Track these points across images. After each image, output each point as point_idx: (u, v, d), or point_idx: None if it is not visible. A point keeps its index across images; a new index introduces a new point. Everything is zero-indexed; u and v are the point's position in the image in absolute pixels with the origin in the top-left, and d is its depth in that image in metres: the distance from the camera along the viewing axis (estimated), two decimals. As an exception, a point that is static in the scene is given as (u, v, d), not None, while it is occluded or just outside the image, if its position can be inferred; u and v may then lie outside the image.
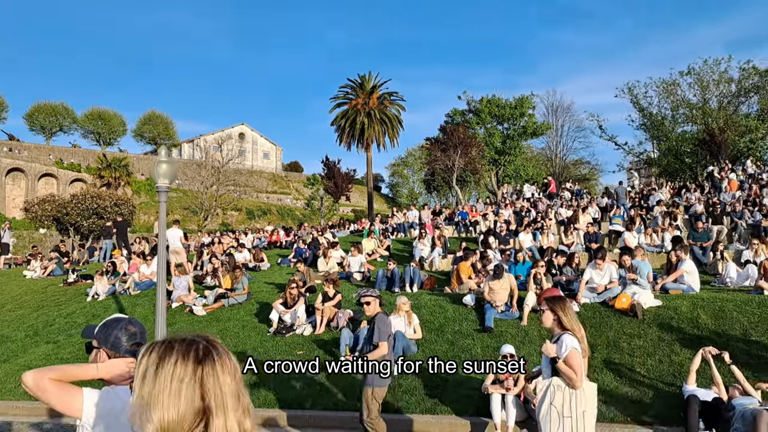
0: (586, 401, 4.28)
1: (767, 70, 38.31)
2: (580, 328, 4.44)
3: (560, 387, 4.33)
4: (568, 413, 4.24)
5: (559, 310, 4.43)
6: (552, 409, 4.31)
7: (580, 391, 4.27)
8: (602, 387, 8.03)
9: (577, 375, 4.22)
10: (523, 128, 47.68)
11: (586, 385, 4.33)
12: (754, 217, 17.42)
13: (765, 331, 8.75)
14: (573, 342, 4.30)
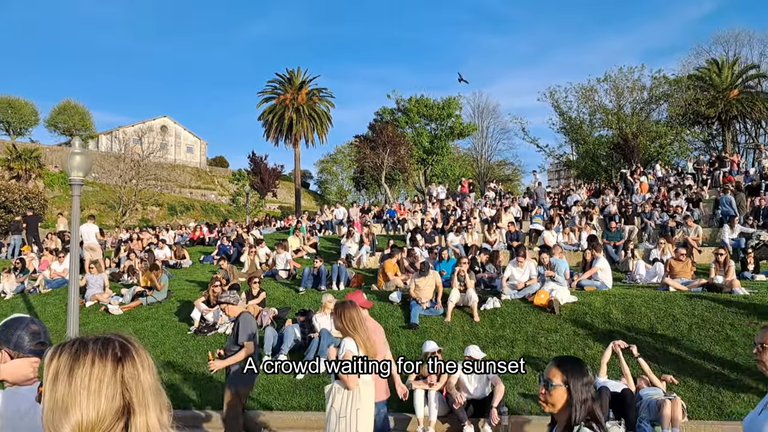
0: (360, 400, 4.51)
1: (676, 80, 40.83)
2: (364, 331, 4.67)
3: (339, 389, 4.56)
4: (344, 413, 4.47)
5: (339, 315, 4.70)
6: (332, 411, 4.55)
7: (355, 391, 4.51)
8: (521, 380, 8.31)
9: (349, 376, 4.48)
10: (450, 129, 48.61)
11: (362, 385, 4.55)
12: (662, 218, 18.50)
13: (669, 325, 9.31)
14: (350, 345, 4.58)
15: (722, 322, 9.19)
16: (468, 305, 10.50)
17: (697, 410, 7.27)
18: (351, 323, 4.66)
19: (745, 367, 8.14)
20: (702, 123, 43.92)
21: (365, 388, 4.58)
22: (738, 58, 47.38)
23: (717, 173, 28.21)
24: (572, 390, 2.46)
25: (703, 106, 38.54)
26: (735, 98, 43.36)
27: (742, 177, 25.48)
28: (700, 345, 8.75)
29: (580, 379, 2.48)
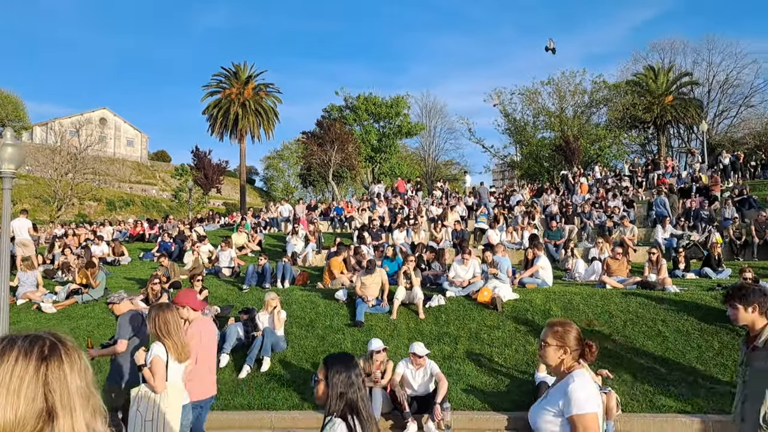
0: (168, 403, 4.55)
1: (615, 85, 42.31)
2: (178, 335, 4.66)
3: (147, 393, 4.59)
4: (150, 417, 4.50)
5: (152, 319, 4.65)
6: (137, 414, 4.55)
7: (163, 394, 4.55)
8: (464, 376, 8.44)
9: (155, 379, 4.52)
10: (398, 127, 48.85)
11: (170, 388, 4.59)
12: (601, 218, 19.13)
13: (606, 321, 9.64)
14: (157, 350, 4.59)
15: (655, 319, 9.58)
16: (414, 303, 10.58)
17: (631, 403, 7.56)
18: (165, 327, 4.59)
19: (674, 362, 8.51)
20: (639, 127, 45.74)
21: (173, 391, 4.57)
22: (673, 65, 49.57)
23: (652, 176, 29.41)
24: (329, 384, 2.68)
25: (640, 111, 40.09)
26: (669, 104, 45.36)
27: (675, 180, 26.64)
28: (634, 340, 9.09)
29: (338, 374, 2.69)
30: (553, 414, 2.82)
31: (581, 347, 2.98)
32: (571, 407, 2.73)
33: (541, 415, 2.86)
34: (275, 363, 9.14)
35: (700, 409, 7.37)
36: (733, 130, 45.12)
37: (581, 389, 2.77)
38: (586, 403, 2.73)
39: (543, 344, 2.99)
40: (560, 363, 2.95)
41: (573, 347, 2.94)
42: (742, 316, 3.62)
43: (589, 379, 2.88)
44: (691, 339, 9.01)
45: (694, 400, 7.61)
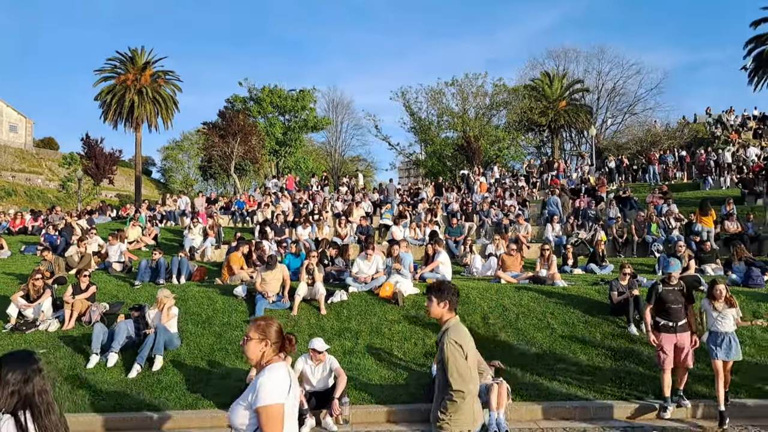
0: None
1: (514, 88, 44.20)
2: None
3: None
4: None
5: None
6: None
7: None
8: (364, 371, 8.49)
9: None
10: (304, 121, 48.37)
11: None
12: (498, 216, 19.93)
13: (500, 314, 10.04)
14: None
15: (544, 312, 10.10)
16: (315, 298, 10.51)
17: (521, 392, 7.92)
18: None
19: (560, 353, 9.01)
20: (535, 130, 48.08)
21: None
22: (566, 72, 52.53)
23: (545, 176, 30.99)
24: (2, 382, 2.77)
25: (536, 115, 42.16)
26: (563, 109, 48.03)
27: (566, 181, 28.23)
28: (525, 332, 9.54)
29: (11, 372, 2.78)
30: (244, 407, 2.92)
31: (281, 340, 3.14)
32: (257, 399, 2.85)
33: (236, 410, 2.95)
34: (168, 362, 8.77)
35: (584, 396, 7.86)
36: (619, 135, 48.50)
37: (268, 381, 2.91)
38: (270, 394, 2.85)
39: (246, 339, 3.10)
40: (261, 356, 3.07)
41: (274, 340, 3.09)
42: (434, 309, 4.00)
43: (283, 372, 3.00)
44: (576, 330, 9.59)
45: (578, 387, 8.10)
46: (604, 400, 7.74)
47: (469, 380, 3.80)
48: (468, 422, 3.85)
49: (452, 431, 3.80)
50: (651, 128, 43.69)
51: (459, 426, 3.81)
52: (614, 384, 8.15)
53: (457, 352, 3.80)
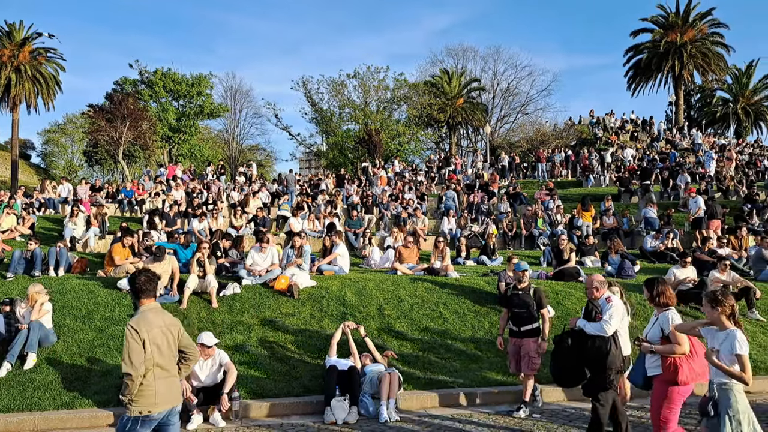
0: None
1: (414, 84, 44.93)
2: None
3: None
4: None
5: None
6: None
7: None
8: (256, 365, 8.31)
9: None
10: (200, 107, 46.47)
11: None
12: (397, 209, 20.23)
13: (395, 305, 10.18)
14: None
15: (437, 302, 10.37)
16: (206, 291, 10.15)
17: (413, 381, 8.08)
18: None
19: (451, 342, 9.29)
20: (434, 126, 49.23)
21: None
22: (464, 70, 54.15)
23: (443, 171, 31.86)
24: None
25: (435, 111, 43.12)
26: (461, 106, 49.54)
27: (462, 176, 29.17)
28: (419, 322, 9.74)
29: None
30: None
31: None
32: None
33: None
34: (42, 359, 8.14)
35: (471, 383, 8.15)
36: (511, 134, 50.69)
37: None
38: None
39: None
40: None
41: None
42: None
43: None
44: (466, 320, 9.92)
45: (467, 375, 8.39)
46: (490, 387, 8.06)
47: (139, 365, 4.10)
48: (149, 404, 4.18)
49: (132, 412, 4.16)
50: (540, 128, 46.04)
51: (139, 407, 4.16)
52: (500, 371, 8.51)
53: (132, 337, 4.13)
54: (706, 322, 4.76)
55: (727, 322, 4.53)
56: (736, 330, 4.48)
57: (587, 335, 5.70)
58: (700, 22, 49.21)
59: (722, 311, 4.52)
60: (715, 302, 4.56)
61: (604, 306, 5.73)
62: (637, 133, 40.88)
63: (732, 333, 4.46)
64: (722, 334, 4.52)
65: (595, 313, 5.72)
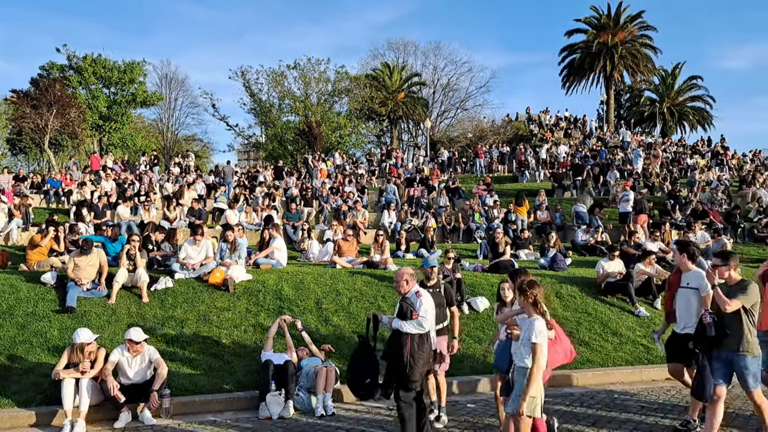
0: None
1: (356, 77, 44.81)
2: None
3: None
4: None
5: None
6: None
7: None
8: (188, 360, 8.09)
9: None
10: (132, 95, 44.72)
11: None
12: (337, 202, 20.16)
13: (333, 299, 10.14)
14: None
15: (376, 295, 10.39)
16: (137, 286, 9.79)
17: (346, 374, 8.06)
18: None
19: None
20: (375, 119, 49.35)
21: None
22: (405, 65, 54.47)
23: (384, 165, 31.98)
24: None
25: (377, 105, 43.19)
26: (402, 100, 49.83)
27: (403, 170, 29.38)
28: (357, 316, 9.72)
29: None
30: None
31: None
32: None
33: None
34: (-43, 359, 7.65)
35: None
36: (451, 129, 51.43)
37: None
38: None
39: None
40: None
41: None
42: None
43: None
44: (404, 313, 9.97)
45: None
46: (426, 378, 8.13)
47: None
48: None
49: None
50: (479, 124, 46.90)
51: None
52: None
53: None
54: (520, 310, 5.05)
55: (532, 310, 4.79)
56: (537, 319, 4.72)
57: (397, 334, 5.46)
58: (630, 25, 51.26)
59: (526, 300, 4.81)
60: (521, 291, 4.87)
61: (415, 301, 5.48)
62: (570, 131, 42.27)
63: (532, 321, 4.72)
64: (526, 322, 4.80)
65: (410, 311, 5.43)
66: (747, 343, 5.45)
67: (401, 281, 5.65)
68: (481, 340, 9.43)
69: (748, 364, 5.46)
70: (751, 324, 5.50)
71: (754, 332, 5.53)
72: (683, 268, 6.29)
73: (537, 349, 4.62)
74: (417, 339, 5.41)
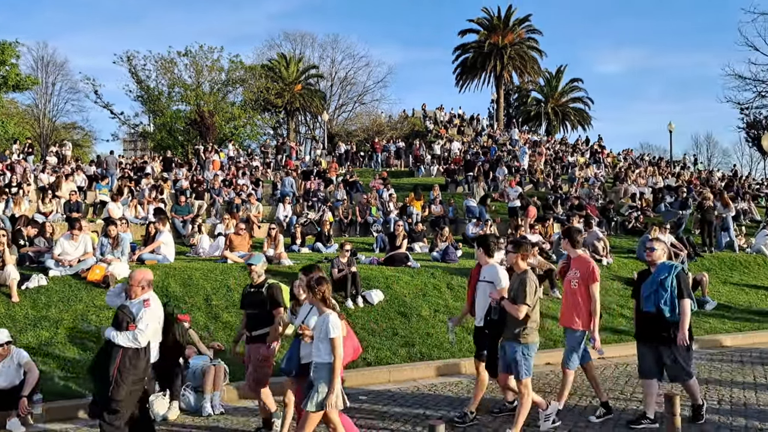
0: None
1: (251, 67, 43.62)
2: None
3: None
4: None
5: None
6: None
7: None
8: (64, 363, 7.57)
9: None
10: (2, 78, 40.87)
11: None
12: (230, 195, 19.57)
13: (224, 295, 9.86)
14: None
15: (268, 290, 10.19)
16: (6, 284, 9.01)
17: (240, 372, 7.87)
18: None
19: (283, 328, 9.20)
20: (271, 111, 48.35)
21: None
22: (302, 56, 53.87)
23: (280, 157, 31.51)
24: None
25: (273, 96, 42.35)
26: (299, 92, 49.25)
27: (300, 162, 29.07)
28: (248, 311, 9.50)
29: None
30: None
31: None
32: None
33: None
34: None
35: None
36: (349, 123, 51.48)
37: None
38: None
39: None
40: None
41: None
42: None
43: None
44: (297, 307, 9.88)
45: (297, 362, 8.37)
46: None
47: None
48: None
49: None
50: (377, 118, 47.33)
51: None
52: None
53: None
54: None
55: (322, 306, 4.84)
56: (331, 313, 4.77)
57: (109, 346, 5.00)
58: (519, 27, 53.74)
59: (315, 296, 4.84)
60: (310, 288, 4.87)
61: (139, 311, 5.03)
62: (463, 128, 43.73)
63: (326, 317, 4.74)
64: (320, 319, 4.81)
65: (126, 322, 4.96)
66: (522, 332, 5.68)
67: (136, 287, 5.16)
68: (375, 332, 9.55)
69: (515, 353, 5.69)
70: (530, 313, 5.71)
71: (532, 322, 5.75)
72: (482, 261, 6.38)
73: (336, 343, 4.63)
74: (131, 353, 4.92)
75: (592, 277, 6.23)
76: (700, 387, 6.40)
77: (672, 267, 6.02)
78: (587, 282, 6.24)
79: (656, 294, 5.95)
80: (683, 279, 5.99)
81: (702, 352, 9.88)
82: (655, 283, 6.00)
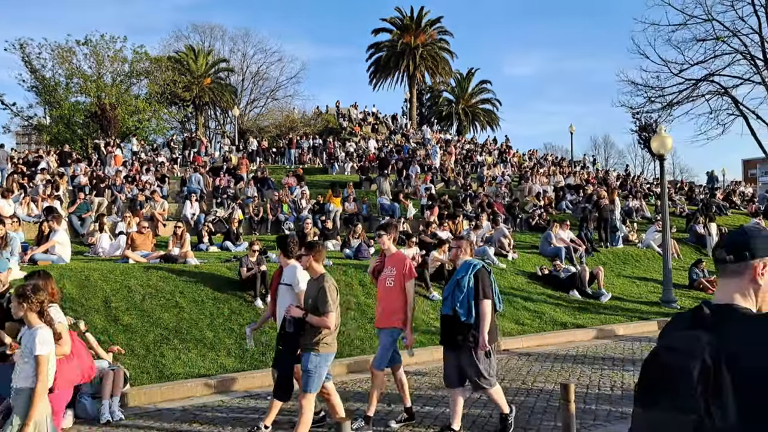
0: None
1: (157, 59, 41.79)
2: None
3: None
4: None
5: None
6: None
7: None
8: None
9: None
10: None
11: None
12: (132, 192, 18.68)
13: (124, 296, 9.38)
14: None
15: (173, 291, 9.83)
16: None
17: (141, 376, 7.55)
18: None
19: (188, 331, 8.90)
20: (179, 104, 46.55)
21: None
22: (212, 49, 52.31)
23: (188, 153, 30.44)
24: None
25: (180, 89, 40.79)
26: (208, 86, 47.75)
27: (208, 158, 28.21)
28: (151, 313, 9.12)
29: None
30: None
31: None
32: None
33: None
34: None
35: (208, 371, 7.92)
36: (261, 118, 50.53)
37: None
38: None
39: None
40: None
41: None
42: None
43: None
44: (205, 308, 9.59)
45: (203, 363, 8.13)
46: (226, 374, 7.92)
47: None
48: None
49: None
50: (290, 114, 46.76)
51: None
52: (237, 357, 8.42)
53: None
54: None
55: (35, 319, 4.05)
56: (41, 327, 4.02)
57: None
58: (431, 28, 54.84)
59: (29, 308, 4.02)
60: (22, 297, 4.03)
61: None
62: (377, 126, 44.05)
63: (35, 331, 3.98)
64: (28, 333, 4.04)
65: None
66: (321, 340, 5.22)
67: None
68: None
69: (308, 363, 5.19)
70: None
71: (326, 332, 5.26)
72: (282, 263, 6.17)
73: (41, 362, 3.85)
74: None
75: (410, 274, 5.98)
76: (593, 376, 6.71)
77: (471, 265, 5.59)
78: (404, 279, 5.96)
79: (452, 296, 5.55)
80: (483, 278, 5.52)
81: (598, 343, 10.53)
82: (452, 283, 5.62)
